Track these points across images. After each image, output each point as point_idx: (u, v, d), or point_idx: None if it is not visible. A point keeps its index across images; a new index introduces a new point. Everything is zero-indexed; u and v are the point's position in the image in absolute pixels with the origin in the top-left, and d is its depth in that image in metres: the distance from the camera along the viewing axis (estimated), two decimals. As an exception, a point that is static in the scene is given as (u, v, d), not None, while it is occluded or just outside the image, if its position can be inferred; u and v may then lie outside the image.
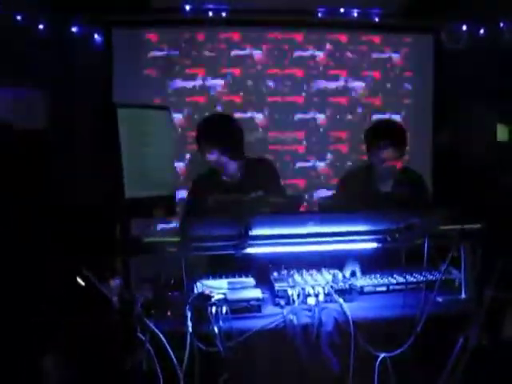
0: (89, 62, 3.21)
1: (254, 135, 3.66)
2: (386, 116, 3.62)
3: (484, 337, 1.99)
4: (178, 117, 3.48)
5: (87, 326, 1.89)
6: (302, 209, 2.59)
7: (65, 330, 1.97)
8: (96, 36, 3.25)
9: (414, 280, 2.18)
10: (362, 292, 2.16)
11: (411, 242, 1.86)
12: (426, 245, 1.83)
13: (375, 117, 3.64)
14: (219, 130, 2.60)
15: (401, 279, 2.18)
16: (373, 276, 2.25)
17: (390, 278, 2.22)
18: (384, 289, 2.19)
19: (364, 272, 2.26)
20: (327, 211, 2.03)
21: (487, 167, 1.91)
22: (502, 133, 1.89)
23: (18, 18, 3.13)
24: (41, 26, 3.12)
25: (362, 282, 2.21)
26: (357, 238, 1.93)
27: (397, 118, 3.61)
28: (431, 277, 2.16)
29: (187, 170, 3.33)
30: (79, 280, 1.97)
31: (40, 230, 2.17)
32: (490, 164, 1.90)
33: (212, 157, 2.60)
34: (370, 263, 2.27)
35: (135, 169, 1.70)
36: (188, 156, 3.45)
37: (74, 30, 3.17)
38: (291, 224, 1.86)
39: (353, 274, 2.24)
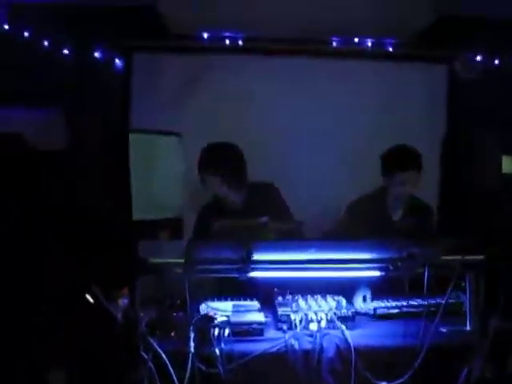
0: (110, 85, 3.33)
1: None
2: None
3: (488, 369, 1.98)
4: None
5: (93, 343, 1.95)
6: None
7: (71, 345, 2.03)
8: (117, 61, 3.39)
9: (423, 305, 2.17)
10: (374, 315, 2.19)
11: (413, 271, 1.88)
12: (426, 274, 1.84)
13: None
14: (219, 159, 2.60)
15: (413, 303, 2.20)
16: (382, 301, 2.28)
17: (400, 302, 2.23)
18: (396, 311, 2.20)
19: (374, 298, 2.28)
20: (330, 237, 2.06)
21: (493, 199, 1.93)
22: (507, 164, 1.91)
23: (45, 42, 3.29)
24: (65, 51, 3.27)
25: (374, 305, 2.24)
26: (358, 265, 1.95)
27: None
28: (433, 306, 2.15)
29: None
30: (88, 297, 2.04)
31: (52, 249, 2.26)
32: (496, 196, 1.92)
33: (213, 186, 2.61)
34: (375, 290, 2.29)
35: (143, 192, 1.76)
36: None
37: (96, 54, 3.31)
38: (292, 250, 1.89)
39: (364, 299, 2.25)
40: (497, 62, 3.57)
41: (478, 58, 3.57)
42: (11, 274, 2.24)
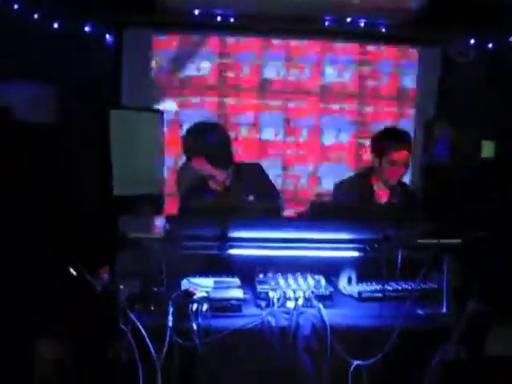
0: (100, 60, 3.31)
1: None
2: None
3: (462, 351, 2.02)
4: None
5: (75, 315, 1.99)
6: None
7: (56, 317, 2.07)
8: (107, 36, 3.36)
9: (405, 289, 2.20)
10: (359, 298, 2.21)
11: (388, 253, 1.90)
12: (399, 256, 1.86)
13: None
14: (203, 139, 2.58)
15: (397, 287, 2.21)
16: (369, 283, 2.29)
17: (384, 286, 2.23)
18: (380, 295, 2.21)
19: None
20: (316, 214, 2.07)
21: (472, 182, 1.95)
22: (487, 148, 1.92)
23: (35, 15, 3.25)
24: (55, 25, 3.24)
25: (358, 288, 2.26)
26: (334, 245, 1.97)
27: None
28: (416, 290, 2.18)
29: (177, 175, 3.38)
30: (72, 270, 2.07)
31: (34, 223, 2.28)
32: (475, 179, 1.94)
33: (198, 165, 2.60)
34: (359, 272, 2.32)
35: (124, 168, 1.78)
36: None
37: (86, 29, 3.29)
38: (269, 228, 1.91)
39: (349, 281, 2.28)
40: (491, 45, 3.54)
41: (471, 41, 3.55)
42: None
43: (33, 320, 2.20)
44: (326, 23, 3.49)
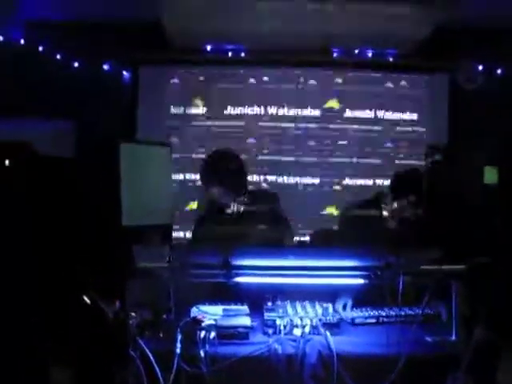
0: (117, 97, 3.48)
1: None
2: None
3: (471, 380, 1.98)
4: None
5: (87, 342, 2.05)
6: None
7: (68, 344, 2.14)
8: (125, 73, 3.53)
9: (400, 315, 2.21)
10: (353, 323, 2.23)
11: (391, 280, 1.91)
12: (401, 283, 1.88)
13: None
14: (220, 168, 2.66)
15: (391, 313, 2.23)
16: (364, 309, 2.32)
17: (378, 312, 2.28)
18: (373, 321, 2.25)
19: (355, 306, 2.32)
20: (319, 244, 2.11)
21: (474, 209, 1.96)
22: (489, 175, 1.94)
23: (58, 56, 3.45)
24: (76, 64, 3.43)
25: (353, 314, 2.28)
26: (336, 273, 2.00)
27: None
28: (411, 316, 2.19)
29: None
30: (86, 299, 2.14)
31: (49, 253, 2.38)
32: (477, 206, 1.95)
33: (214, 194, 2.67)
34: (360, 297, 2.33)
35: (133, 199, 1.86)
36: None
37: (105, 67, 3.46)
38: (271, 256, 1.96)
39: (344, 307, 2.30)
40: (499, 71, 3.57)
41: (480, 67, 3.58)
42: (11, 276, 2.37)
43: (45, 347, 2.27)
44: (335, 54, 3.59)
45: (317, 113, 3.85)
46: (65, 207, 2.76)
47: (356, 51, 3.56)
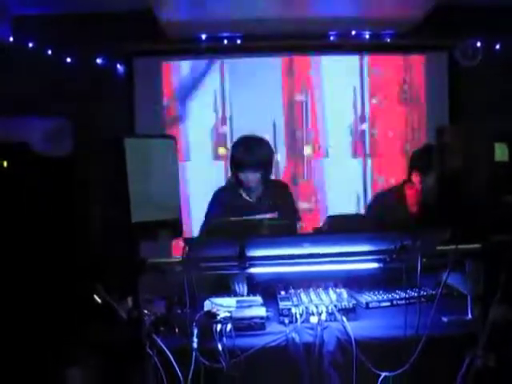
0: (112, 89, 3.42)
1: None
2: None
3: (490, 358, 1.98)
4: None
5: (103, 342, 2.02)
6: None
7: (85, 345, 2.11)
8: (118, 66, 3.46)
9: (413, 297, 2.21)
10: (367, 307, 2.24)
11: (407, 262, 1.90)
12: (419, 265, 1.86)
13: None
14: (259, 150, 2.68)
15: (404, 295, 2.23)
16: (377, 293, 2.33)
17: (393, 294, 2.30)
18: (388, 304, 2.26)
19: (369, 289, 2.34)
20: (334, 229, 2.09)
21: (487, 187, 1.94)
22: (499, 151, 1.92)
23: (49, 51, 3.37)
24: (68, 59, 3.36)
25: (366, 298, 2.28)
26: (352, 258, 1.98)
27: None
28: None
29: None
30: (96, 298, 2.11)
31: (57, 254, 2.35)
32: (490, 184, 1.93)
33: (245, 175, 2.67)
34: (375, 281, 2.32)
35: (141, 194, 1.82)
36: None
37: (98, 61, 3.39)
38: (286, 245, 1.93)
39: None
40: (498, 46, 3.53)
41: (478, 44, 3.55)
42: (20, 277, 2.34)
43: (61, 348, 2.24)
44: (332, 37, 3.54)
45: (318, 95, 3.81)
46: (70, 207, 2.73)
47: (353, 33, 3.51)
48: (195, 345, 1.91)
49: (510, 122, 2.01)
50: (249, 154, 2.66)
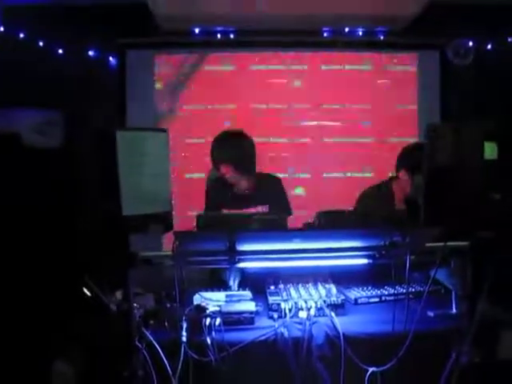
0: (104, 82, 3.40)
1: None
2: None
3: (476, 354, 2.01)
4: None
5: (91, 335, 2.02)
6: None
7: (72, 337, 2.11)
8: (111, 58, 3.44)
9: (402, 293, 2.24)
10: (356, 303, 2.26)
11: (397, 258, 1.92)
12: (407, 262, 1.88)
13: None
14: (232, 146, 2.71)
15: (392, 291, 2.26)
16: (366, 289, 2.36)
17: (382, 290, 2.33)
18: (376, 300, 2.28)
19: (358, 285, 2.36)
20: (325, 224, 2.10)
21: (476, 185, 1.96)
22: (489, 150, 1.94)
23: (40, 43, 3.34)
24: (60, 51, 3.33)
25: (355, 294, 2.31)
26: (342, 254, 1.99)
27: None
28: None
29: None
30: (85, 291, 2.11)
31: (47, 246, 2.34)
32: (479, 181, 1.95)
33: (225, 172, 2.71)
34: (364, 277, 2.34)
35: (132, 187, 1.81)
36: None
37: (90, 53, 3.37)
38: (277, 240, 1.94)
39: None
40: (489, 46, 3.57)
41: (470, 43, 3.58)
42: (9, 269, 2.33)
43: (49, 340, 2.24)
44: (325, 34, 3.54)
45: (308, 99, 3.82)
46: (59, 200, 2.71)
47: (346, 30, 3.52)
48: (184, 338, 1.91)
49: (499, 121, 2.04)
50: (218, 146, 2.73)
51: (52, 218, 2.52)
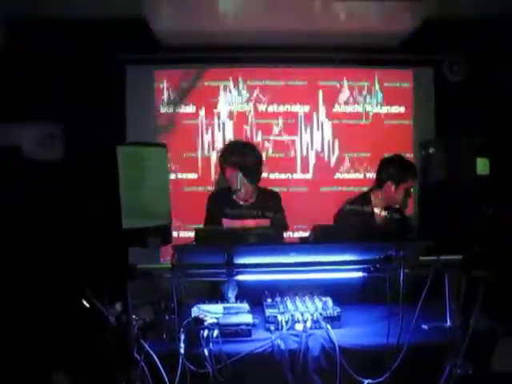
0: (104, 97, 3.44)
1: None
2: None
3: (470, 366, 2.03)
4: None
5: (90, 346, 2.04)
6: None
7: (72, 348, 2.13)
8: (111, 74, 3.48)
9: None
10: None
11: (392, 272, 1.95)
12: (401, 275, 1.91)
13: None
14: (242, 152, 2.85)
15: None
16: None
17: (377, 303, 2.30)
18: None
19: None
20: (320, 238, 2.14)
21: (469, 200, 2.01)
22: (482, 165, 1.99)
23: (40, 58, 3.38)
24: (60, 65, 3.37)
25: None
26: (337, 267, 2.03)
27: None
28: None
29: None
30: (85, 303, 2.13)
31: (47, 258, 2.36)
32: (470, 197, 2.00)
33: (233, 176, 2.81)
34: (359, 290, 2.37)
35: (132, 201, 1.85)
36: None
37: (90, 68, 3.41)
38: (273, 254, 1.98)
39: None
40: (483, 63, 3.63)
41: (464, 59, 3.65)
42: (9, 282, 2.35)
43: (48, 352, 2.26)
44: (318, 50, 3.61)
45: (306, 109, 3.87)
46: (60, 212, 2.74)
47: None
48: (182, 350, 1.94)
49: (492, 137, 2.09)
50: (229, 151, 2.87)
51: (52, 231, 2.55)
